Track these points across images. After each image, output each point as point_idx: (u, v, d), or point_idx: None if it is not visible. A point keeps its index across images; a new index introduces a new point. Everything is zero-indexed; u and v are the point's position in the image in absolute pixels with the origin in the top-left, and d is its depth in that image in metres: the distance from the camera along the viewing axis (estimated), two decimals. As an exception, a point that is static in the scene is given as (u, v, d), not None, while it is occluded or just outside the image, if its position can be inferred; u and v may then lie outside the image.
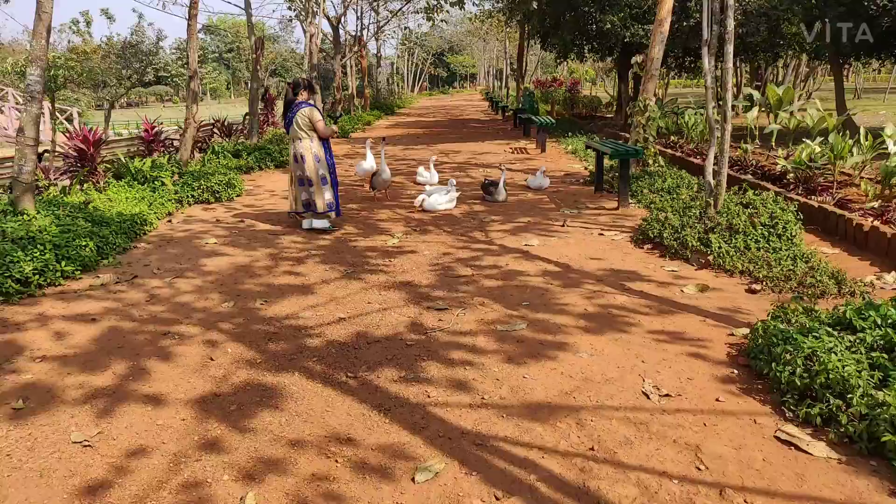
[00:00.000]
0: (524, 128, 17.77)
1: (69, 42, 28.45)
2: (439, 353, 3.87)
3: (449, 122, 25.09)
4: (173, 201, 8.16)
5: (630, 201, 7.81)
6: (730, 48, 5.37)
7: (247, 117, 14.32)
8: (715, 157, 5.90)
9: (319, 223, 6.87)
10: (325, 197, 6.78)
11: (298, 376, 3.67)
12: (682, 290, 4.80)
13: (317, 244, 6.56)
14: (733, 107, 12.68)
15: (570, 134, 15.95)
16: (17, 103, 21.70)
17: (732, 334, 3.95)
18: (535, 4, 13.99)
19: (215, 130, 13.33)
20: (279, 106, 17.64)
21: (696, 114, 12.76)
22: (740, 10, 12.59)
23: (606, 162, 9.25)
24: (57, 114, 22.29)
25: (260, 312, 4.69)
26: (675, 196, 7.73)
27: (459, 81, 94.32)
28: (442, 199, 8.05)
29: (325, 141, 6.81)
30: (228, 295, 5.10)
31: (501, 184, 8.41)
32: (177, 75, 57.74)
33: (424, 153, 14.27)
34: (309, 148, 6.67)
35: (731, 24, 5.32)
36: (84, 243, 5.73)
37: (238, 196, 9.28)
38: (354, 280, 5.37)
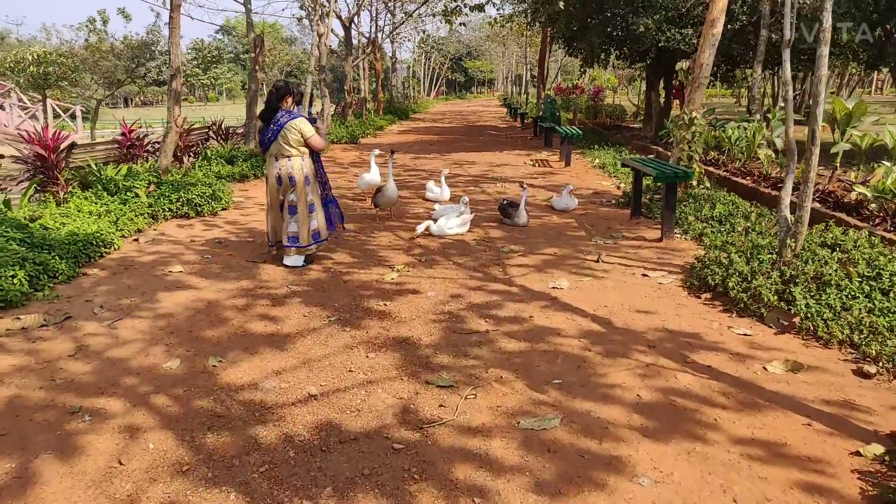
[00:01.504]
0: (545, 137, 16.61)
1: (86, 40, 27.87)
2: (438, 469, 2.73)
3: (465, 129, 23.98)
4: (146, 216, 7.10)
5: (675, 231, 6.63)
6: (825, 50, 4.19)
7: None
8: (794, 186, 4.72)
9: (293, 261, 5.67)
10: (310, 226, 5.64)
11: (234, 500, 2.55)
12: (766, 368, 3.63)
13: (303, 277, 5.45)
14: (767, 118, 11.45)
15: (596, 146, 14.76)
16: (20, 100, 20.88)
17: (859, 454, 2.77)
18: (561, 4, 12.85)
19: (211, 134, 12.31)
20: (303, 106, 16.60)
21: (738, 128, 11.56)
22: (792, 15, 11.32)
23: (644, 181, 8.08)
24: (59, 111, 21.49)
25: (210, 378, 3.59)
26: (728, 227, 6.55)
27: (477, 87, 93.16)
28: (453, 223, 6.91)
29: (316, 154, 5.70)
30: (179, 347, 4.00)
31: (522, 205, 7.26)
32: (191, 75, 57.17)
33: (436, 163, 13.17)
34: (300, 167, 5.53)
35: (828, 18, 4.15)
36: (11, 273, 4.68)
37: (224, 209, 8.20)
38: (339, 331, 4.25)
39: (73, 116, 21.54)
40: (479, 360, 3.78)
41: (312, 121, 5.67)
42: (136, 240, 6.55)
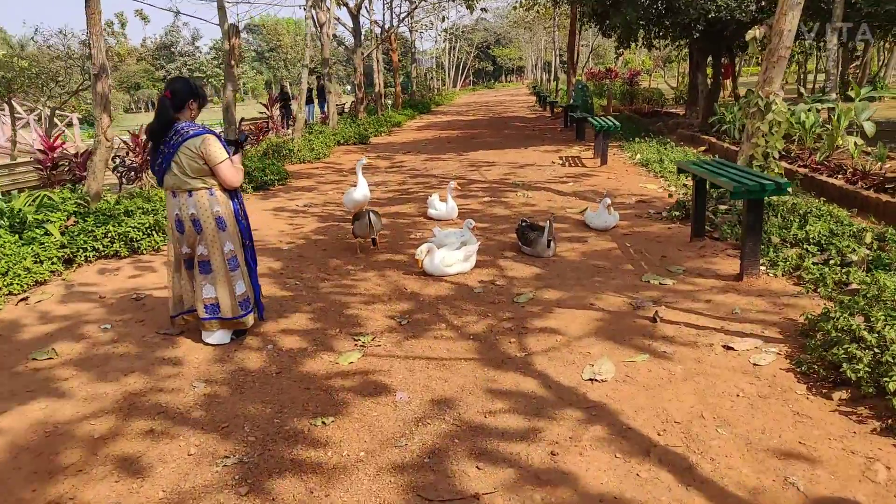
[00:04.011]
0: (577, 129, 14.65)
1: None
2: None
3: (489, 122, 22.09)
4: (55, 260, 5.50)
5: (760, 263, 4.74)
6: None
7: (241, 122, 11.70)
8: None
9: (216, 339, 3.94)
10: (235, 290, 3.90)
11: None
12: None
13: (224, 365, 3.75)
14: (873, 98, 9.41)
15: (635, 138, 12.77)
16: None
17: None
18: (591, -26, 10.94)
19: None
20: (299, 103, 14.90)
21: (811, 110, 9.53)
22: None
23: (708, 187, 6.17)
24: (55, 120, 20.31)
25: None
26: (835, 256, 4.65)
27: (506, 75, 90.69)
28: (452, 259, 5.15)
29: (234, 191, 3.96)
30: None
31: (546, 234, 5.44)
32: (212, 76, 56.18)
33: (451, 166, 11.40)
34: (208, 206, 3.79)
35: None
36: None
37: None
38: (230, 499, 2.53)
39: (69, 125, 20.38)
40: (455, 587, 2.02)
41: (235, 143, 3.95)
42: (24, 299, 4.94)
